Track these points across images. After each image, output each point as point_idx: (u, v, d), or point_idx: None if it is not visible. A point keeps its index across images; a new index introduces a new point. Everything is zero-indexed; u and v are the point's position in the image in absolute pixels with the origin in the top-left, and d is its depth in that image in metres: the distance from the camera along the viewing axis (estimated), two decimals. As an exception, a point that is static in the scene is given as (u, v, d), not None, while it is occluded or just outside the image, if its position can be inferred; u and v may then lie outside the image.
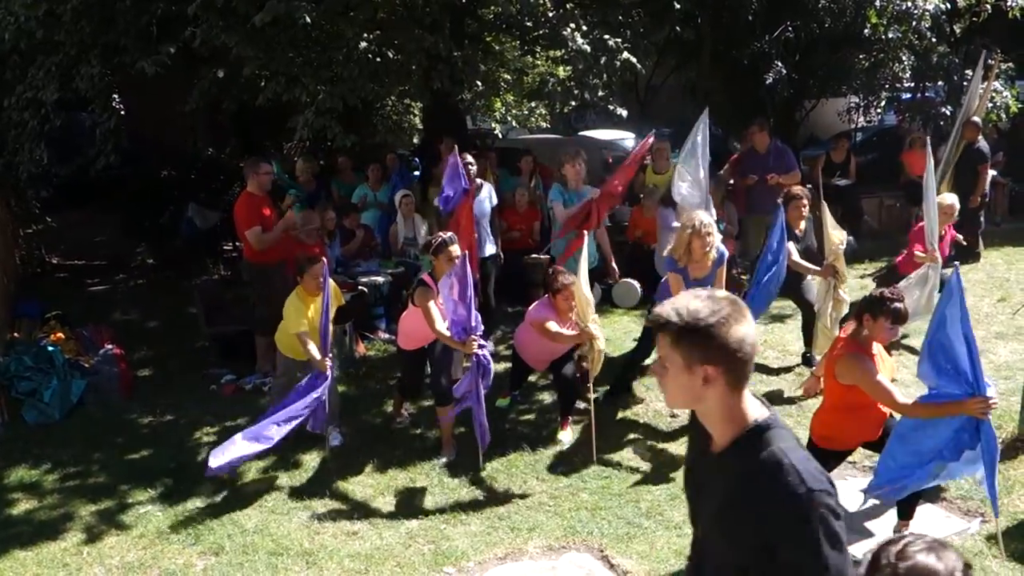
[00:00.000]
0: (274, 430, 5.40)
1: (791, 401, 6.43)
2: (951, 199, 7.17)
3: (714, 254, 5.78)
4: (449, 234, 5.90)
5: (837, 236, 6.63)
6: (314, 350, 5.72)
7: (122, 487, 5.66)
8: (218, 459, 5.19)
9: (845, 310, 6.71)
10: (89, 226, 14.56)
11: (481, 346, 5.50)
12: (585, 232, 6.38)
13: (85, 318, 8.55)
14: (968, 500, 4.91)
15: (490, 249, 7.95)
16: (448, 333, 5.50)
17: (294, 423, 5.49)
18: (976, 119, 10.03)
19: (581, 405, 6.18)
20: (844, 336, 4.47)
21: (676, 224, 6.51)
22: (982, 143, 9.90)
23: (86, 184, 14.31)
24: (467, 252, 5.75)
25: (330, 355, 5.76)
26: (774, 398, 6.47)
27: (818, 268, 6.65)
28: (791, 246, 6.58)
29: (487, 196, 7.90)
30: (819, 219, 6.91)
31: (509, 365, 6.81)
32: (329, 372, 5.68)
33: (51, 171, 12.35)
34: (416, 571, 4.52)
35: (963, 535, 4.58)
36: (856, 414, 4.41)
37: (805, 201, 6.84)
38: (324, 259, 6.14)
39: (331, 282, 5.98)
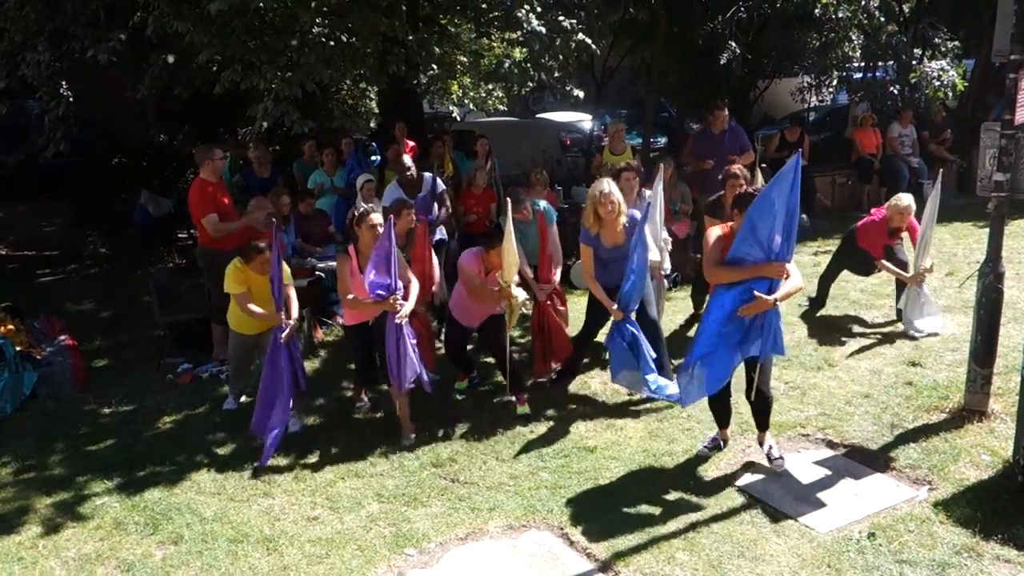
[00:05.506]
0: (278, 412, 5.69)
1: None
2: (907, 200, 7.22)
3: (624, 220, 6.02)
4: (370, 204, 5.99)
5: None
6: (255, 308, 5.99)
7: (78, 479, 5.59)
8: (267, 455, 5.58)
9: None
10: (39, 216, 14.29)
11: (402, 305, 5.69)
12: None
13: (36, 309, 8.39)
14: (916, 469, 5.02)
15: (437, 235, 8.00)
16: (353, 296, 5.74)
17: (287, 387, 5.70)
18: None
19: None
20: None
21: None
22: None
23: (35, 173, 14.07)
24: (390, 219, 5.89)
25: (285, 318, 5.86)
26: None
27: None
28: None
29: (427, 192, 7.85)
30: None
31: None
32: (284, 325, 5.78)
33: (-1, 160, 12.11)
34: (377, 554, 4.53)
35: (912, 503, 4.70)
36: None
37: (743, 180, 7.06)
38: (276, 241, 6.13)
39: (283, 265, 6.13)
